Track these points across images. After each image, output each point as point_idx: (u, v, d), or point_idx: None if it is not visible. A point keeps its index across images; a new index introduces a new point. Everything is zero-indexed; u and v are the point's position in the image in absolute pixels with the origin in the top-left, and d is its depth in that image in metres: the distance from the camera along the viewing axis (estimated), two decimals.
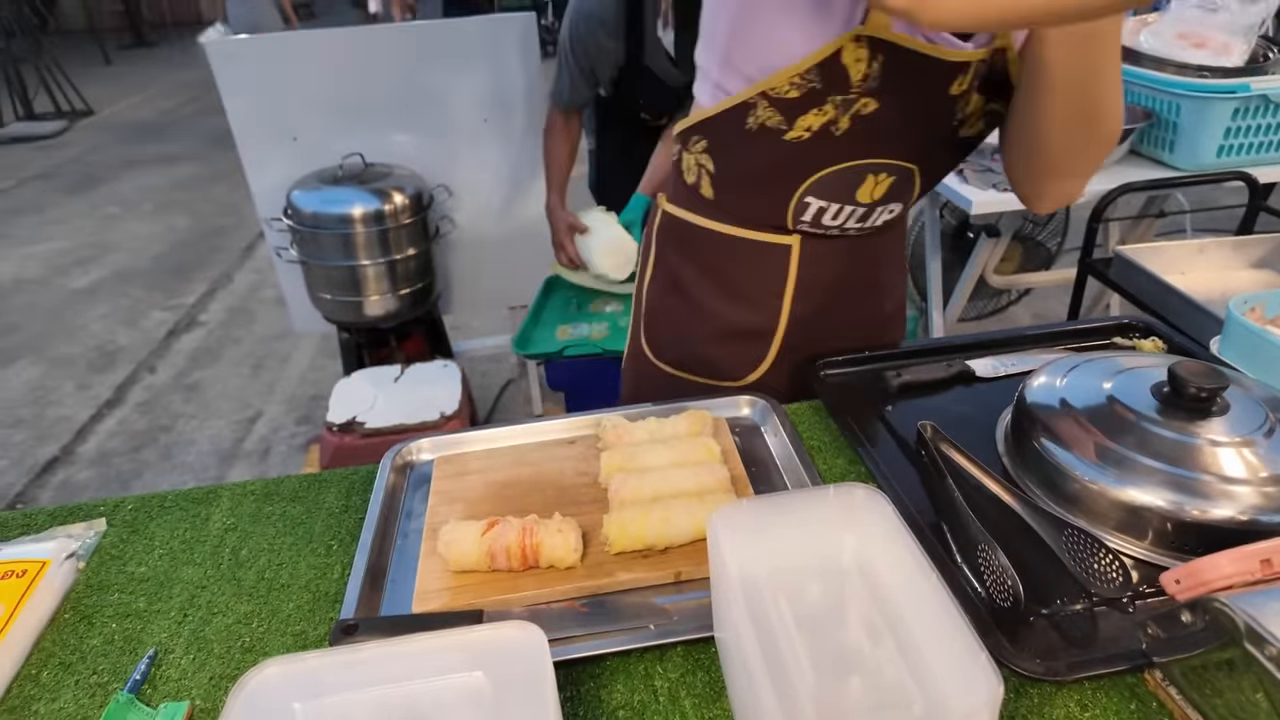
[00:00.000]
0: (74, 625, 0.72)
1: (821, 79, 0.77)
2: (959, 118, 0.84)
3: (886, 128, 0.82)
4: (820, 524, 0.58)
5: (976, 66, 0.79)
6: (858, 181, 0.88)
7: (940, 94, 0.80)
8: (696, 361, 1.04)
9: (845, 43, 0.75)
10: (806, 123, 0.81)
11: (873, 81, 0.77)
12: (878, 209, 0.92)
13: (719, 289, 0.99)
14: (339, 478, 0.88)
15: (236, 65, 1.96)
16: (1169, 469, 0.70)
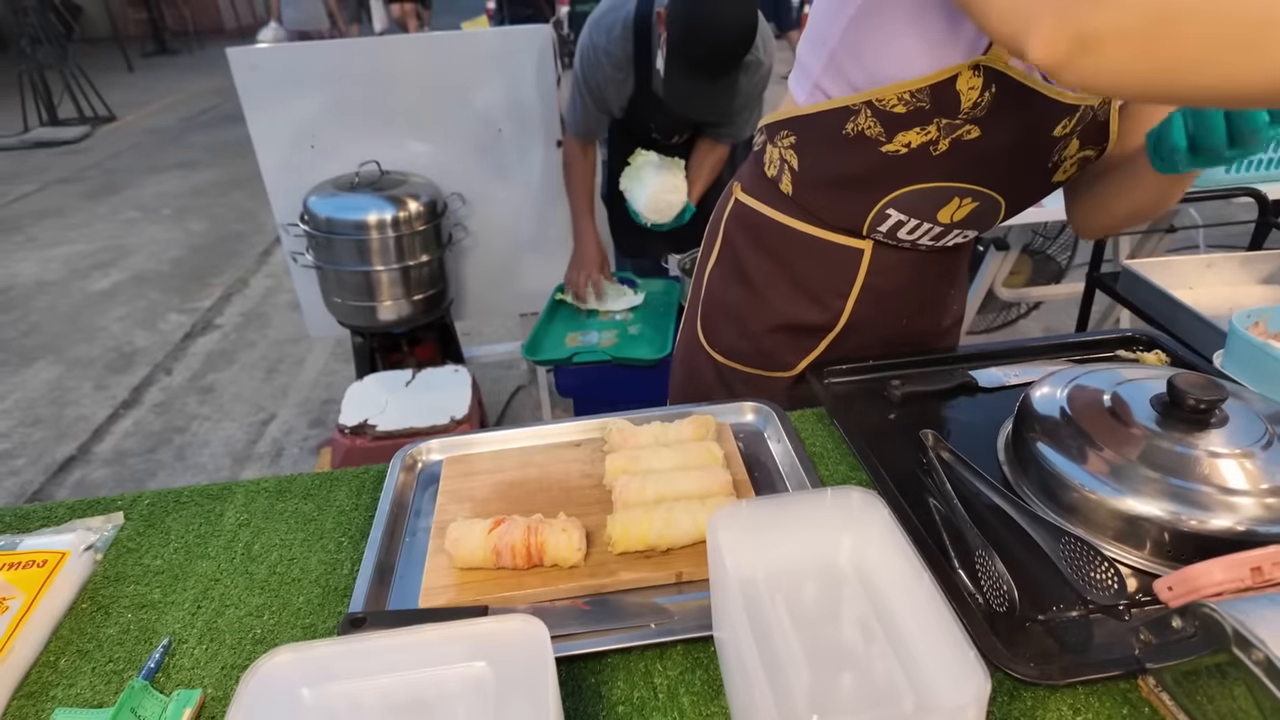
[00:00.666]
0: (91, 615, 0.74)
1: (932, 100, 0.78)
2: (1055, 159, 0.85)
3: (984, 157, 0.83)
4: (817, 526, 0.59)
5: (1084, 112, 0.80)
6: (942, 202, 0.88)
7: (1044, 133, 0.81)
8: (750, 351, 1.06)
9: (963, 69, 0.75)
10: (907, 139, 0.82)
11: (980, 110, 0.78)
12: (954, 231, 0.93)
13: (786, 283, 1.00)
14: (350, 476, 0.90)
15: (258, 74, 2.01)
16: (1167, 479, 0.70)
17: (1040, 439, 0.79)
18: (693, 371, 1.13)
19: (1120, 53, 0.51)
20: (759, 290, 1.02)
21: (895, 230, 0.93)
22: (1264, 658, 0.47)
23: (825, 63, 0.85)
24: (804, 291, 1.00)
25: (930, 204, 0.89)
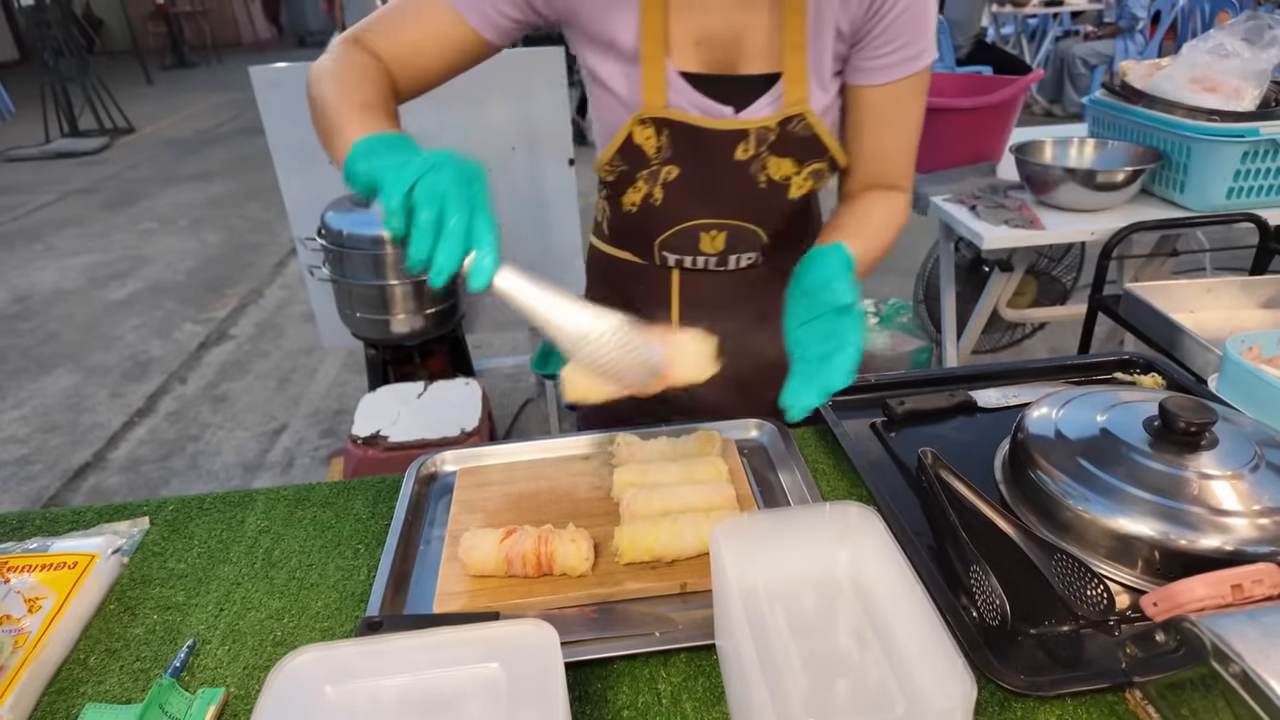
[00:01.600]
0: (119, 615, 0.77)
1: (626, 161, 0.90)
2: (765, 180, 0.90)
3: (694, 191, 0.91)
4: (816, 539, 0.61)
5: (759, 133, 0.86)
6: (696, 238, 0.96)
7: (727, 159, 0.88)
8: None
9: (633, 126, 0.86)
10: (630, 199, 0.94)
11: (666, 153, 0.88)
12: (729, 257, 0.99)
13: (617, 301, 1.05)
14: (367, 485, 0.93)
15: (278, 91, 2.06)
16: (1158, 500, 0.73)
17: (1036, 458, 0.81)
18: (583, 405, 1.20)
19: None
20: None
21: (681, 263, 1.00)
22: (1240, 670, 0.49)
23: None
24: (632, 310, 1.04)
25: (689, 241, 0.97)
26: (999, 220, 1.65)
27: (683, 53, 0.84)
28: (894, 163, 0.91)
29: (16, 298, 4.02)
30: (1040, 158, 1.79)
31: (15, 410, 2.98)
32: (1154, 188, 1.72)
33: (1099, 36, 6.19)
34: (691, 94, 0.85)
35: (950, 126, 1.88)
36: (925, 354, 2.32)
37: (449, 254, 0.58)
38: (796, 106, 0.85)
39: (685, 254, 0.98)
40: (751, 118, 0.86)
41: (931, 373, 1.09)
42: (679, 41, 0.84)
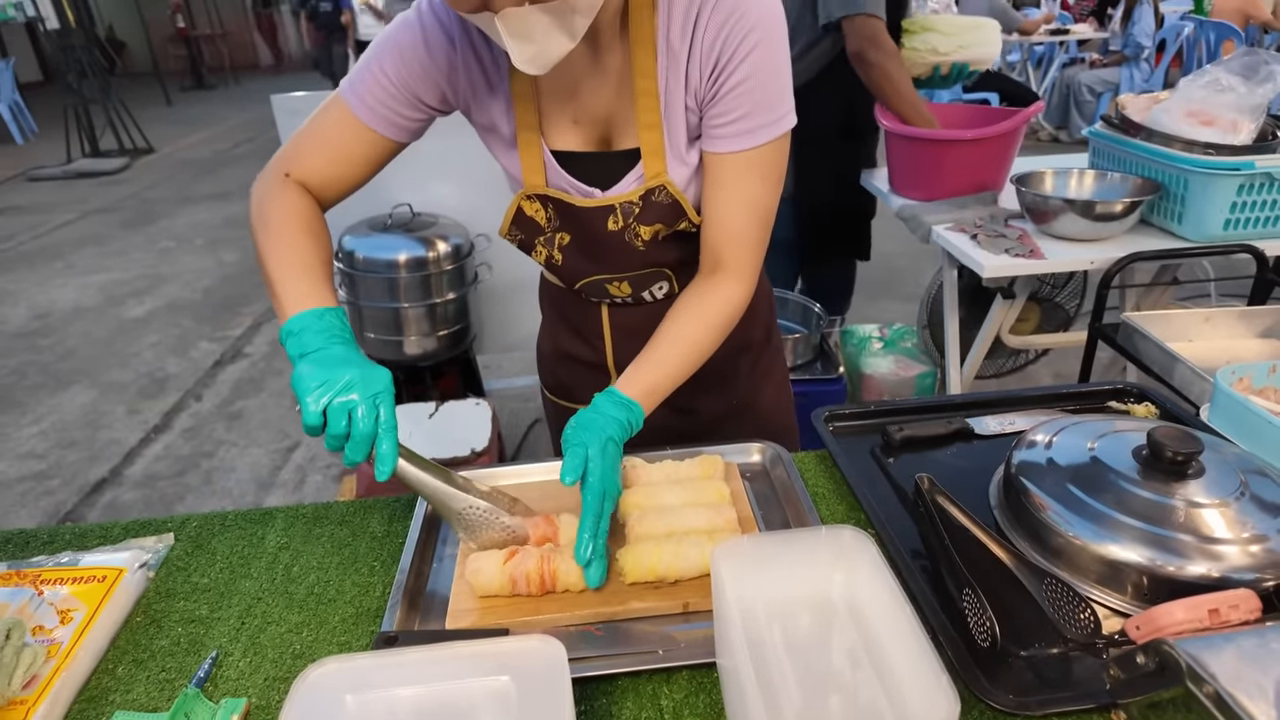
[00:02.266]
0: (145, 627, 0.80)
1: (523, 230, 0.99)
2: (641, 242, 0.96)
3: (586, 253, 0.99)
4: (812, 561, 0.64)
5: (624, 207, 0.93)
6: (605, 286, 1.04)
7: (602, 229, 0.95)
8: (560, 384, 1.21)
9: (520, 200, 0.96)
10: (538, 257, 1.02)
11: (555, 222, 0.96)
12: (642, 293, 1.05)
13: (561, 322, 1.17)
14: (382, 505, 0.97)
15: (297, 118, 2.12)
16: (1145, 527, 0.75)
17: (1028, 485, 0.84)
18: (552, 419, 1.29)
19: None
20: (550, 333, 1.20)
21: (602, 299, 1.08)
22: (1213, 691, 0.52)
23: None
24: (572, 331, 1.15)
25: (599, 289, 1.05)
26: (999, 249, 1.69)
27: (562, 133, 0.92)
28: (729, 237, 0.92)
29: (36, 315, 4.10)
30: (1041, 188, 1.82)
31: (34, 426, 3.04)
32: (1152, 218, 1.76)
33: (1104, 64, 6.25)
34: (564, 176, 0.92)
35: (953, 157, 1.92)
36: (930, 379, 2.34)
37: (357, 452, 0.73)
38: (656, 179, 0.91)
39: (602, 297, 1.07)
40: (616, 194, 0.93)
41: (929, 400, 1.12)
42: (558, 123, 0.91)
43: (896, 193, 2.09)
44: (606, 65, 0.88)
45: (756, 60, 0.83)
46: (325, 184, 0.92)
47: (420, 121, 0.93)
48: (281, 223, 0.86)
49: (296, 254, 0.85)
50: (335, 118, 0.90)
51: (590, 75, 0.88)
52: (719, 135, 0.88)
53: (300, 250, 0.85)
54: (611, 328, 1.10)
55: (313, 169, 0.91)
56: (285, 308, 0.80)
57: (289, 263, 0.84)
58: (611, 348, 1.11)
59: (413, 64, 0.87)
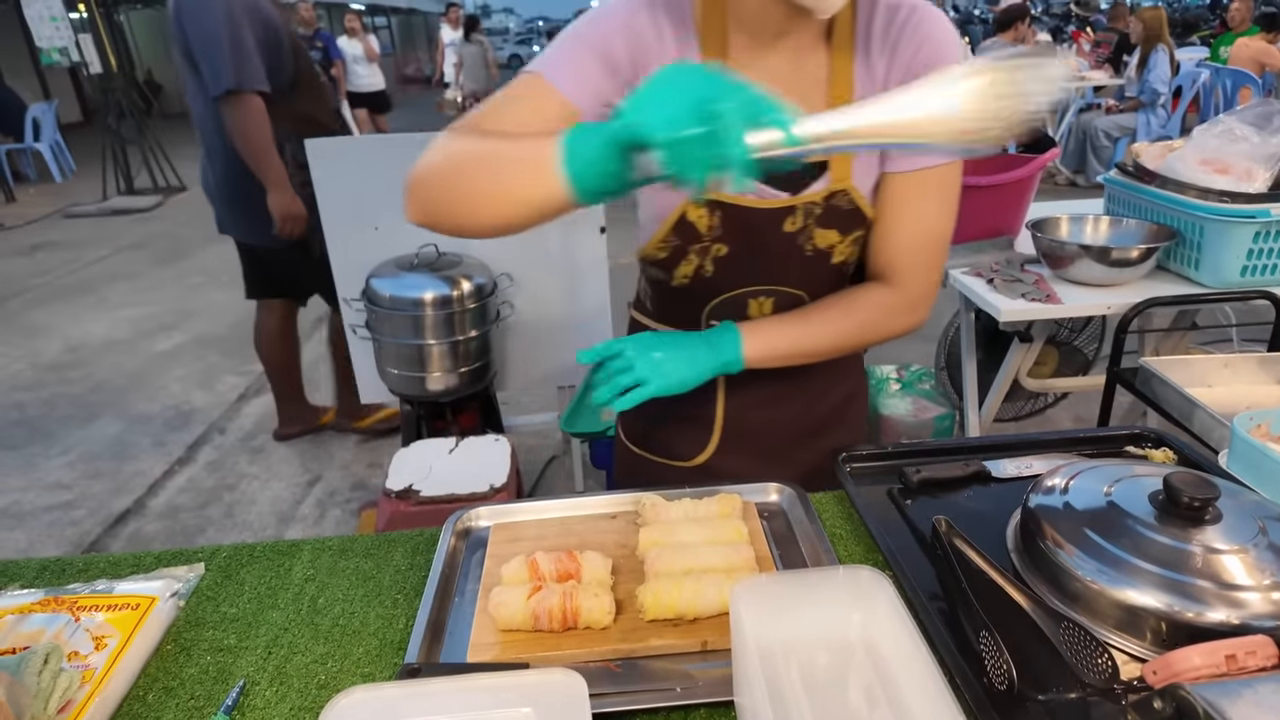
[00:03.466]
0: (175, 655, 0.82)
1: (679, 237, 0.96)
2: (810, 249, 0.97)
3: (743, 264, 0.98)
4: (830, 601, 0.66)
5: (806, 208, 0.93)
6: (745, 305, 1.03)
7: (776, 233, 0.95)
8: (654, 442, 1.19)
9: (686, 205, 0.93)
10: (683, 272, 1.00)
11: (718, 229, 0.95)
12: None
13: None
14: (406, 539, 0.99)
15: (331, 161, 2.20)
16: (1162, 572, 0.75)
17: (1044, 529, 0.84)
18: (619, 461, 1.27)
19: (417, 204, 0.84)
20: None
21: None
22: None
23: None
24: None
25: (737, 308, 1.03)
26: (1016, 293, 1.70)
27: None
28: (899, 251, 0.97)
29: (69, 347, 4.21)
30: (1057, 234, 1.84)
31: (63, 456, 3.10)
32: (1169, 264, 1.77)
33: (1121, 110, 6.31)
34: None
35: (969, 202, 1.94)
36: (948, 421, 2.34)
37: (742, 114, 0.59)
38: (841, 183, 0.93)
39: (733, 319, 1.03)
40: (801, 197, 0.93)
41: (946, 442, 1.13)
42: None
43: None
44: (804, 67, 0.91)
45: None
46: None
47: (607, 108, 0.89)
48: (482, 138, 0.80)
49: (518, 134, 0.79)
50: (533, 93, 0.86)
51: (787, 77, 0.90)
52: (903, 154, 0.91)
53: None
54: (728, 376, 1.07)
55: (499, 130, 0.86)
56: (543, 141, 0.69)
57: (509, 136, 0.77)
58: (724, 397, 1.11)
59: (621, 37, 0.87)
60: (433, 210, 0.84)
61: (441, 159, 0.82)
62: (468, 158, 0.79)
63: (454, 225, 0.83)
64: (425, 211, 0.85)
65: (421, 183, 0.83)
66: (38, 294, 5.17)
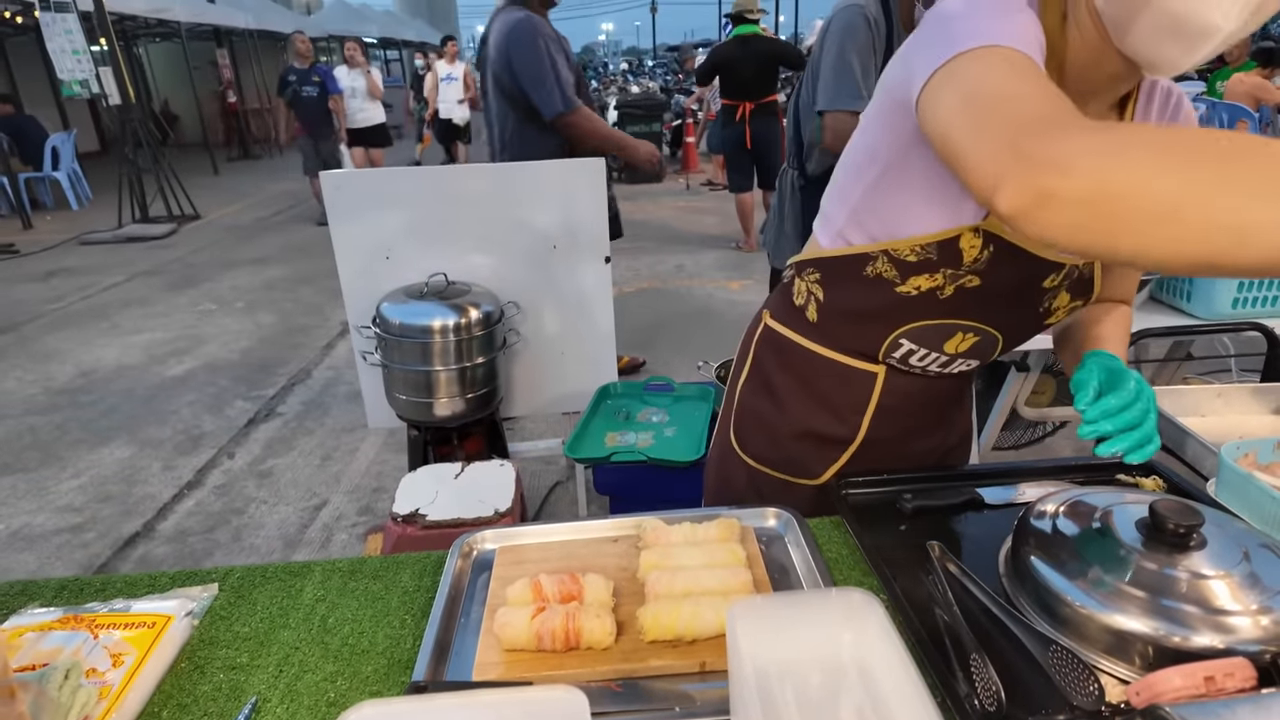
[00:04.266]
0: (189, 673, 0.85)
1: (939, 254, 0.92)
2: (1045, 306, 0.99)
3: (983, 300, 0.96)
4: (822, 621, 0.68)
5: (1070, 270, 0.95)
6: (948, 335, 1.01)
7: (1034, 284, 0.95)
8: (778, 458, 1.17)
9: (965, 231, 0.90)
10: (917, 283, 0.96)
11: (980, 264, 0.92)
12: (958, 360, 1.06)
13: (809, 398, 1.13)
14: (413, 561, 1.02)
15: (343, 193, 2.26)
16: (1149, 597, 0.78)
17: (1035, 555, 0.86)
18: (726, 475, 1.24)
19: (1071, 213, 0.58)
20: (785, 404, 1.15)
21: (907, 357, 1.06)
22: None
23: (848, 216, 1.01)
24: (825, 407, 1.12)
25: (937, 336, 1.02)
26: None
27: None
28: (1129, 283, 1.05)
29: (81, 372, 4.26)
30: None
31: (74, 480, 3.14)
32: (1162, 295, 1.80)
33: None
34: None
35: None
36: None
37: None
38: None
39: (922, 346, 1.03)
40: (1068, 256, 0.93)
41: (941, 470, 1.16)
42: None
43: None
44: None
45: None
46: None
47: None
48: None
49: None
50: (1028, 63, 0.71)
51: None
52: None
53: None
54: (878, 404, 1.10)
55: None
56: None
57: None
58: (869, 423, 1.11)
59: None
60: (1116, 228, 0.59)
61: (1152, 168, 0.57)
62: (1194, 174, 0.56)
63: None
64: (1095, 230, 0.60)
65: (1112, 195, 0.57)
66: (52, 319, 5.24)
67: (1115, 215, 0.57)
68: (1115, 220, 0.57)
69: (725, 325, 4.69)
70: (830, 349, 1.09)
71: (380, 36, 18.81)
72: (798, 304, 1.12)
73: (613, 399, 2.49)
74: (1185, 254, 0.56)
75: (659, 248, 6.54)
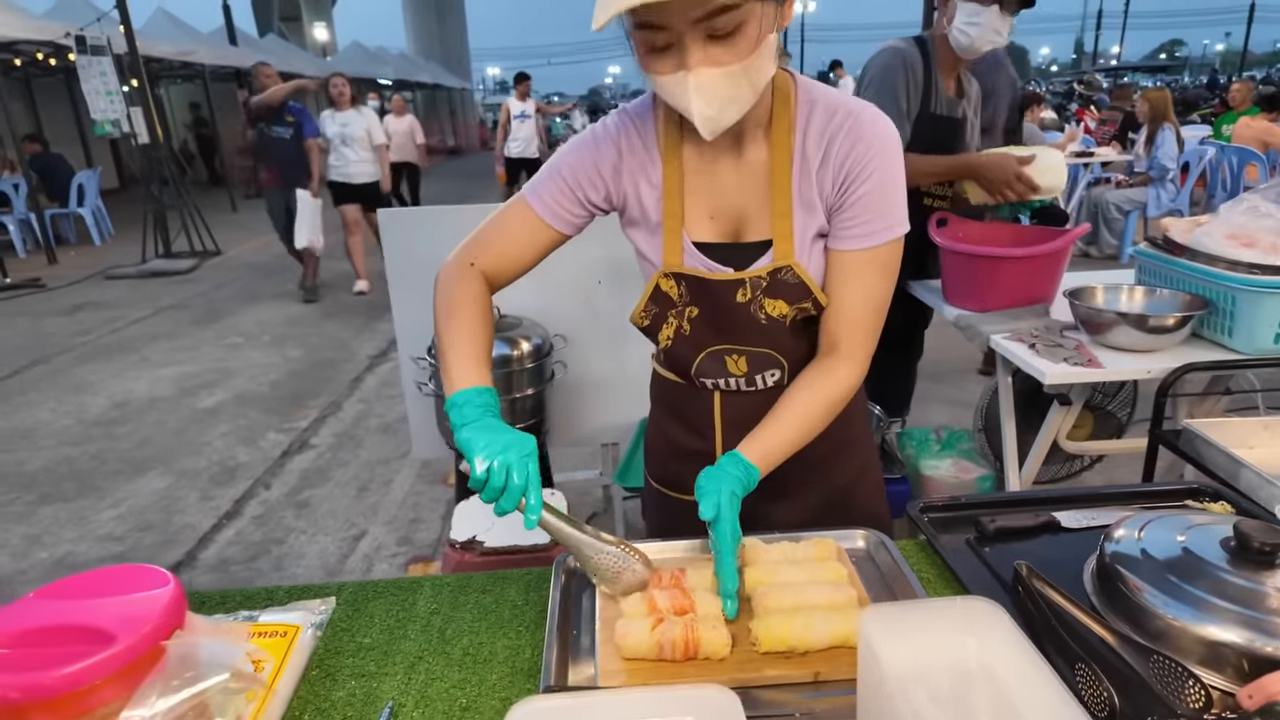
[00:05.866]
0: (321, 681, 0.89)
1: (658, 304, 1.12)
2: (764, 316, 1.08)
3: (712, 325, 1.11)
4: (950, 629, 0.72)
5: (753, 281, 1.06)
6: (723, 360, 1.15)
7: (730, 301, 1.08)
8: (668, 475, 1.30)
9: (659, 278, 1.09)
10: (666, 334, 1.15)
11: (686, 297, 1.10)
12: (755, 376, 1.15)
13: (672, 418, 1.27)
14: (516, 576, 1.06)
15: (398, 230, 2.35)
16: (1242, 610, 0.82)
17: (1125, 573, 0.91)
18: (649, 506, 1.40)
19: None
20: (661, 425, 1.30)
21: (717, 384, 1.18)
22: None
23: None
24: (684, 423, 1.25)
25: (717, 364, 1.15)
26: (1058, 358, 1.79)
27: (699, 225, 1.08)
28: (847, 322, 1.06)
29: (114, 404, 4.32)
30: (1093, 302, 1.94)
31: (113, 510, 3.17)
32: (1203, 331, 1.86)
33: (1131, 184, 6.51)
34: (701, 257, 1.07)
35: (1006, 272, 2.06)
36: (988, 482, 2.40)
37: (510, 502, 0.88)
38: (784, 259, 1.05)
39: (716, 376, 1.16)
40: (747, 272, 1.06)
41: (1014, 495, 1.21)
42: (696, 216, 1.07)
43: (950, 303, 2.23)
44: (748, 160, 1.05)
45: (879, 177, 1.00)
46: (502, 271, 1.11)
47: (584, 219, 1.11)
48: (461, 309, 1.04)
49: (468, 339, 1.01)
50: (517, 215, 1.09)
51: (732, 170, 1.05)
52: (845, 236, 1.03)
53: (472, 336, 1.02)
54: (723, 416, 1.20)
55: (494, 258, 1.10)
56: (454, 383, 0.98)
57: (461, 347, 1.00)
58: (721, 437, 1.21)
59: (588, 169, 1.06)
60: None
61: (440, 300, 1.06)
62: (440, 329, 1.03)
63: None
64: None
65: (435, 295, 1.07)
66: (81, 352, 5.32)
67: None
68: None
69: None
70: (675, 374, 1.23)
71: (395, 78, 19.25)
72: (656, 349, 1.26)
73: None
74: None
75: None
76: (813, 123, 1.02)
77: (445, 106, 24.66)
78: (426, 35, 27.55)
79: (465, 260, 1.09)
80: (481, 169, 16.49)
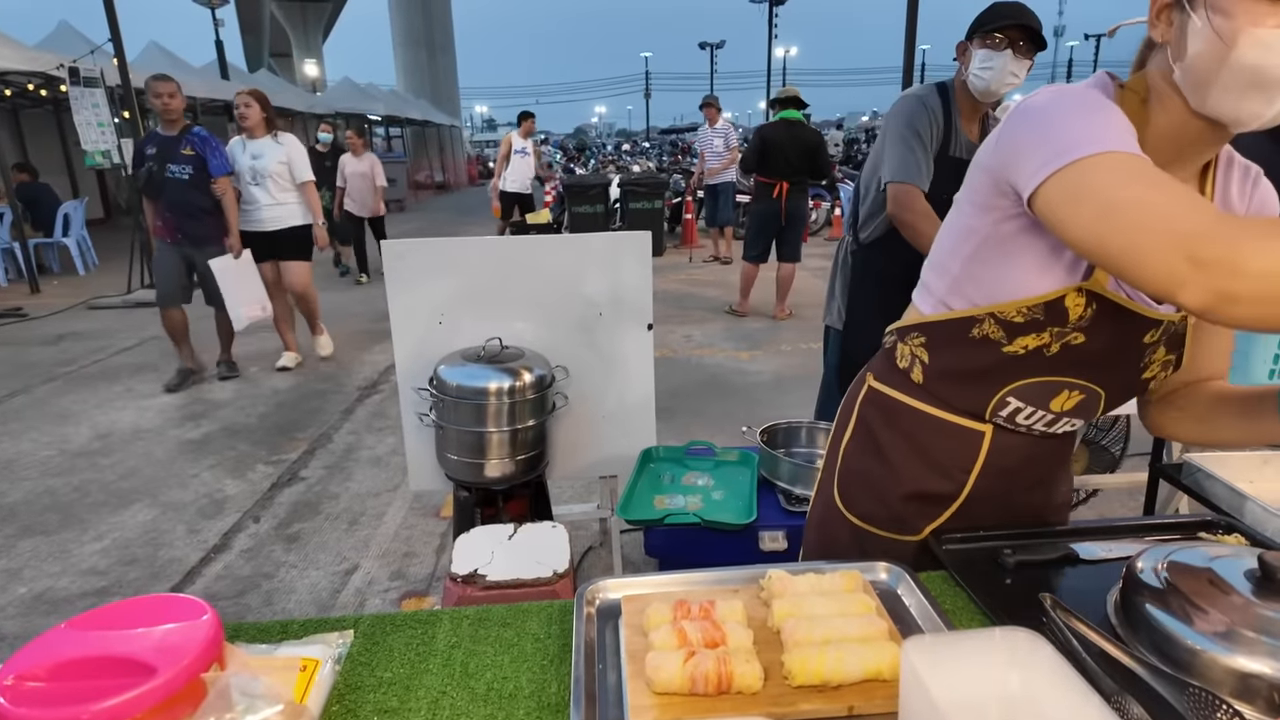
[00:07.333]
0: (342, 716, 0.87)
1: (1045, 314, 0.99)
2: (1145, 361, 1.06)
3: (1088, 357, 1.02)
4: (992, 659, 0.72)
5: (1167, 325, 1.03)
6: (1054, 393, 1.07)
7: (1136, 340, 1.01)
8: (885, 516, 1.22)
9: (1069, 291, 0.97)
10: (1025, 342, 1.02)
11: (1085, 321, 0.98)
12: (1063, 419, 1.11)
13: (916, 458, 1.18)
14: (538, 609, 1.05)
15: (402, 261, 2.35)
16: (1271, 641, 0.83)
17: (1151, 604, 0.91)
18: (830, 534, 1.29)
19: (1252, 308, 0.71)
20: (892, 464, 1.20)
21: (1014, 416, 1.12)
22: None
23: (949, 285, 1.09)
24: (932, 465, 1.17)
25: (1044, 394, 1.07)
26: None
27: None
28: (1221, 346, 1.08)
29: (98, 434, 4.24)
30: None
31: (97, 542, 3.10)
32: None
33: None
34: (1124, 285, 0.98)
35: None
36: None
37: None
38: (1182, 315, 1.03)
39: (1029, 404, 1.08)
40: (1165, 312, 1.01)
41: (1032, 528, 1.21)
42: None
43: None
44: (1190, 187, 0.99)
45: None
46: None
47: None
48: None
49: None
50: (1145, 165, 0.82)
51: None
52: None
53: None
54: (985, 462, 1.15)
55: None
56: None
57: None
58: (975, 480, 1.16)
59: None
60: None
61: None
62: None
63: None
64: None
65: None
66: (65, 381, 5.24)
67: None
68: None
69: (738, 393, 4.77)
70: (937, 408, 1.16)
71: (385, 114, 19.42)
72: (901, 366, 1.19)
73: (655, 463, 2.53)
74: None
75: (666, 318, 6.67)
76: (1232, 176, 1.02)
77: (435, 143, 24.89)
78: (417, 72, 27.92)
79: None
80: (472, 204, 16.63)
